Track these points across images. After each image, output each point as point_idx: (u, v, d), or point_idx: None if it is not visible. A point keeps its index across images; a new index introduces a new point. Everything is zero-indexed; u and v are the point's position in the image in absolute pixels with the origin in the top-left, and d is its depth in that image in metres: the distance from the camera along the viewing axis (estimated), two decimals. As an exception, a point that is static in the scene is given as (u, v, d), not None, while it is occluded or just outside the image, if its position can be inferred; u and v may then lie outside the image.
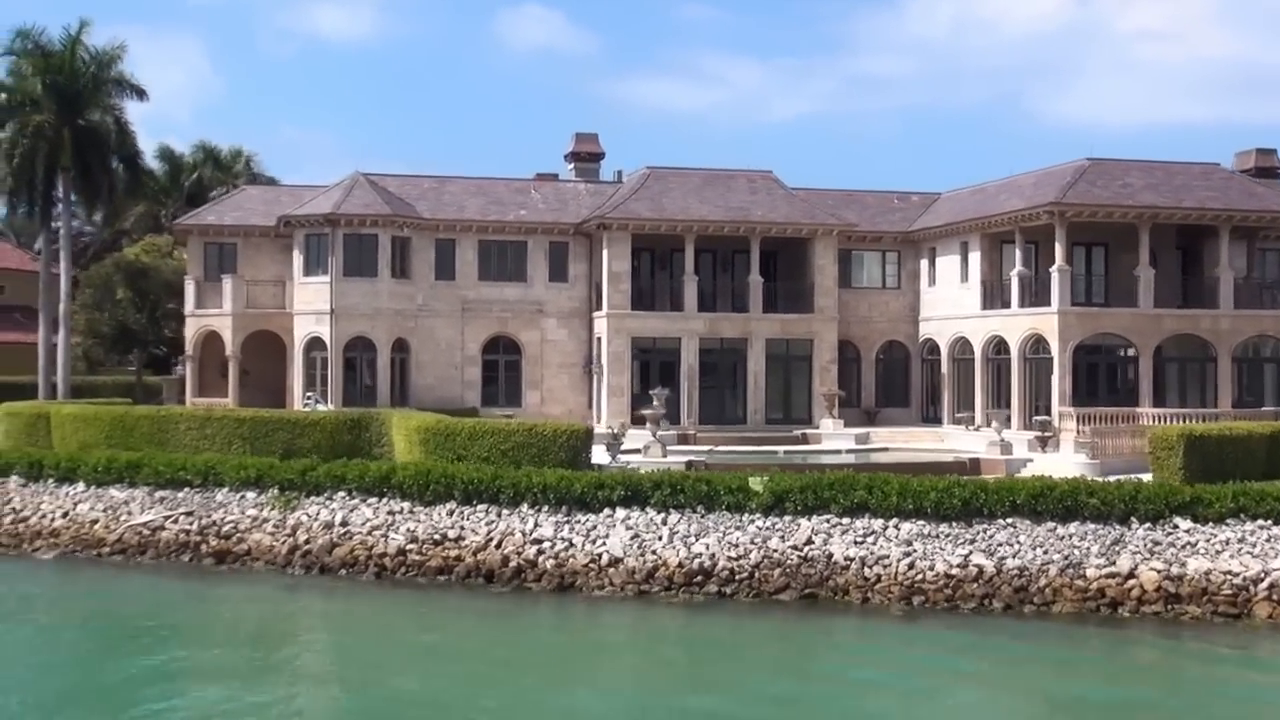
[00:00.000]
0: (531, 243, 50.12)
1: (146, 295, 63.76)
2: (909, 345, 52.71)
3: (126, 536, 35.37)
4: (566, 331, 50.38)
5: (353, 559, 32.61)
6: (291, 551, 33.37)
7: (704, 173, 51.30)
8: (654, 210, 48.80)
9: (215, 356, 51.76)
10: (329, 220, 47.13)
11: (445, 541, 32.47)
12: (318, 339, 47.80)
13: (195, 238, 51.47)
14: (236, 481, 36.31)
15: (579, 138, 54.86)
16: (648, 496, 32.23)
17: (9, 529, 37.36)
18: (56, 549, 35.68)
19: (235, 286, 49.50)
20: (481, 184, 52.00)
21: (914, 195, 55.10)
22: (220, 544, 34.37)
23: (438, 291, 49.45)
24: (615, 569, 30.49)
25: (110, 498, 37.40)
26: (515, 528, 32.29)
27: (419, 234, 48.86)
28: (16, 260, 74.36)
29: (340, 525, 33.84)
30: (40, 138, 53.89)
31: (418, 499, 33.91)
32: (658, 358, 49.07)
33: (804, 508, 31.19)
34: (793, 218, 49.62)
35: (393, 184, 50.41)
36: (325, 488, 35.25)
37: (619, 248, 48.42)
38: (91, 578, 33.15)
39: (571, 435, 35.78)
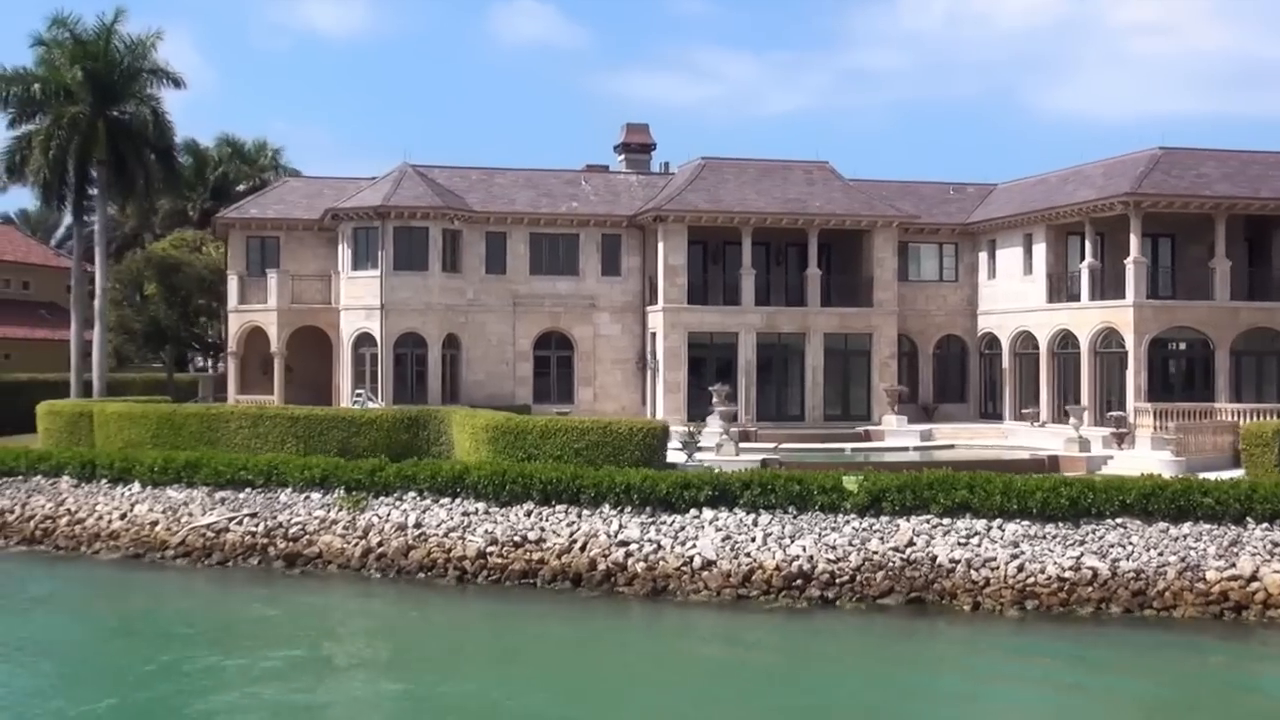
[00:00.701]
0: (583, 235, 48.92)
1: (178, 291, 62.55)
2: (966, 340, 51.55)
3: (190, 539, 34.21)
4: (619, 326, 49.19)
5: (430, 562, 31.45)
6: (365, 554, 32.21)
7: (759, 163, 50.11)
8: (711, 202, 47.61)
9: (256, 353, 50.54)
10: (379, 213, 45.90)
11: (526, 544, 31.33)
12: (367, 335, 46.58)
13: (237, 231, 50.21)
14: (301, 482, 35.16)
15: (629, 128, 53.61)
16: (736, 496, 31.12)
17: (65, 531, 36.21)
18: (118, 552, 34.51)
19: (280, 281, 48.26)
20: (531, 175, 50.75)
21: (969, 186, 53.95)
22: (289, 546, 33.23)
23: (488, 286, 48.25)
24: (709, 572, 29.35)
25: (168, 499, 36.24)
26: (599, 529, 31.15)
27: (469, 227, 47.66)
28: (41, 255, 73.12)
29: (414, 527, 32.69)
30: (75, 129, 52.59)
31: (493, 500, 32.78)
32: (714, 353, 47.89)
33: (902, 508, 30.07)
34: (852, 209, 48.44)
35: (440, 175, 49.19)
36: (395, 488, 34.12)
37: (675, 240, 47.23)
38: (158, 581, 32.00)
39: (648, 433, 34.70)
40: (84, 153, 53.61)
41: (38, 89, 53.16)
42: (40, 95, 53.18)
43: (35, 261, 71.55)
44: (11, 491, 38.89)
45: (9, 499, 38.42)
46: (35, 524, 36.82)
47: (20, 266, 69.89)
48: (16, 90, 53.25)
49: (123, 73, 53.59)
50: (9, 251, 70.18)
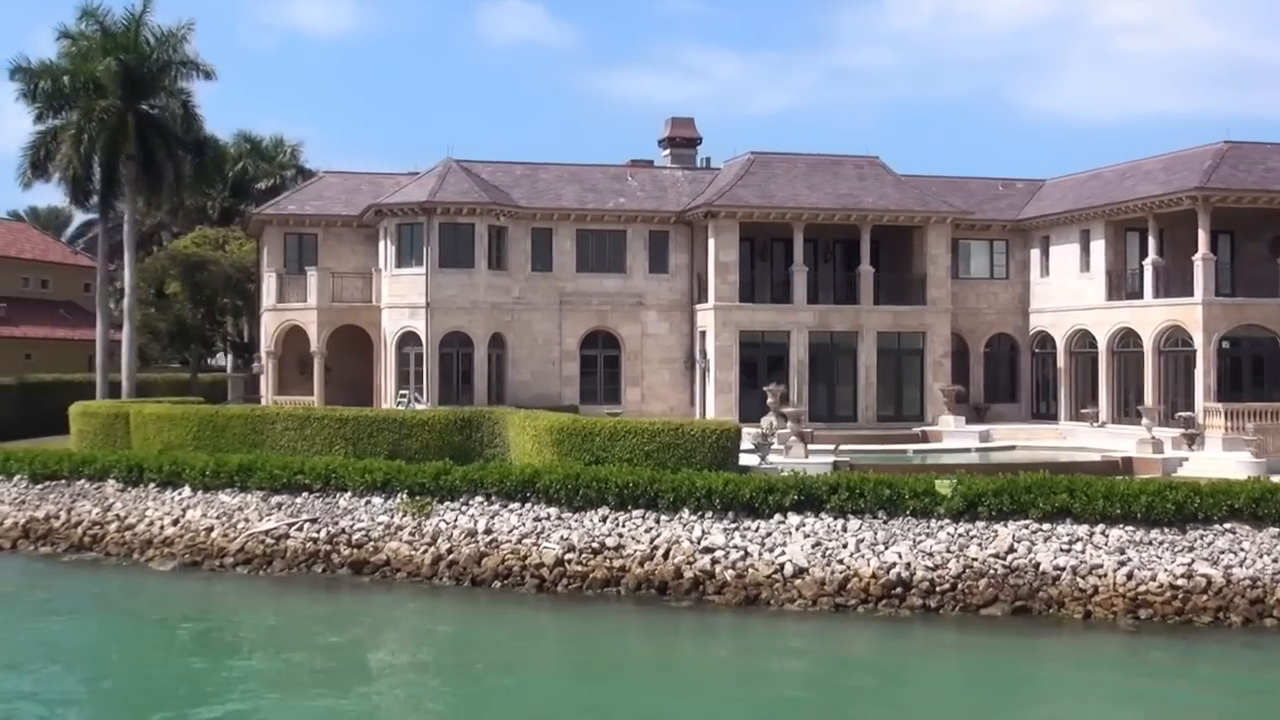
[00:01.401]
0: (631, 232, 47.78)
1: (203, 289, 61.32)
2: (1017, 338, 50.51)
3: (249, 546, 33.02)
4: (667, 325, 48.06)
5: (505, 570, 30.32)
6: (435, 562, 31.08)
7: (809, 158, 49.04)
8: (763, 198, 46.52)
9: (293, 353, 49.37)
10: (424, 209, 44.71)
11: (605, 550, 30.23)
12: (411, 334, 45.39)
13: (274, 228, 48.99)
14: (361, 485, 34.01)
15: (674, 122, 52.45)
16: (823, 501, 30.05)
17: (115, 537, 35.02)
18: (173, 559, 33.31)
19: (320, 279, 47.05)
20: (576, 170, 49.60)
21: (1018, 182, 52.91)
22: (354, 553, 32.08)
23: (534, 283, 47.09)
24: (801, 580, 28.28)
25: (221, 504, 35.07)
26: (680, 535, 30.06)
27: (514, 223, 46.50)
28: (59, 254, 71.80)
29: (484, 533, 31.57)
30: (105, 123, 51.35)
31: (565, 504, 31.66)
32: (765, 352, 46.80)
33: (998, 513, 29.02)
34: (905, 205, 47.39)
35: (484, 170, 48.00)
36: (461, 492, 32.96)
37: (727, 237, 46.14)
38: (221, 589, 30.85)
39: (721, 435, 33.62)
40: (113, 148, 52.43)
41: (67, 82, 51.91)
42: (70, 88, 51.92)
43: (54, 259, 70.24)
44: (55, 496, 37.72)
45: (53, 504, 37.25)
46: (83, 530, 35.64)
47: (39, 265, 68.59)
48: (45, 84, 52.02)
49: (153, 65, 52.36)
50: (27, 249, 68.88)
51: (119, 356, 53.78)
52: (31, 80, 52.40)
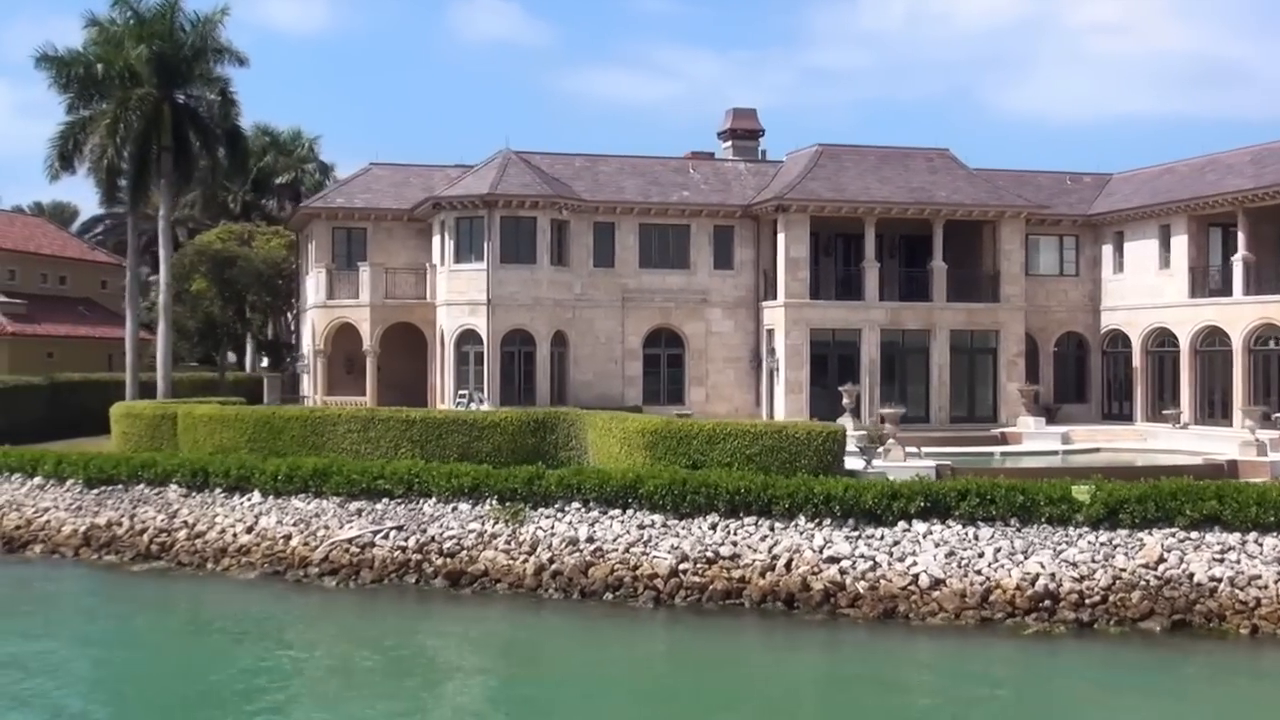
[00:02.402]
0: (695, 226, 46.13)
1: (234, 286, 59.38)
2: (1087, 337, 49.09)
3: (334, 555, 31.24)
4: (732, 323, 46.42)
5: (616, 581, 28.65)
6: (538, 572, 29.39)
7: (878, 150, 47.49)
8: (834, 191, 44.95)
9: (339, 351, 47.58)
10: (485, 201, 42.97)
11: (720, 560, 28.58)
12: (471, 332, 43.64)
13: (322, 222, 47.18)
14: (447, 491, 32.30)
15: (736, 113, 50.80)
16: (951, 508, 28.46)
17: (185, 545, 33.20)
18: (252, 569, 31.50)
19: (374, 275, 45.25)
20: (636, 163, 47.91)
21: (1085, 176, 51.49)
22: (447, 563, 30.36)
23: (596, 280, 45.38)
24: (939, 592, 26.69)
25: (295, 510, 33.31)
26: (801, 544, 28.44)
27: (576, 217, 44.79)
28: (77, 249, 69.67)
29: (586, 542, 29.88)
30: (140, 113, 49.41)
31: (671, 511, 30.00)
32: (835, 351, 45.23)
33: (1141, 520, 27.48)
34: (979, 199, 45.90)
35: (543, 162, 46.26)
36: (556, 498, 31.26)
37: (797, 231, 44.54)
38: (309, 601, 29.03)
39: (827, 438, 32.02)
40: (146, 138, 50.50)
41: (100, 70, 49.89)
42: (104, 77, 49.92)
43: (72, 255, 68.11)
44: (114, 502, 35.89)
45: (114, 510, 35.42)
46: (149, 538, 33.82)
47: (57, 261, 66.46)
48: (78, 72, 50.01)
49: (187, 52, 50.43)
50: (46, 245, 66.76)
51: (145, 356, 51.83)
52: (63, 69, 50.39)
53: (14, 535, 35.52)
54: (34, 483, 38.19)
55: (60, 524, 35.45)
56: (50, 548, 34.57)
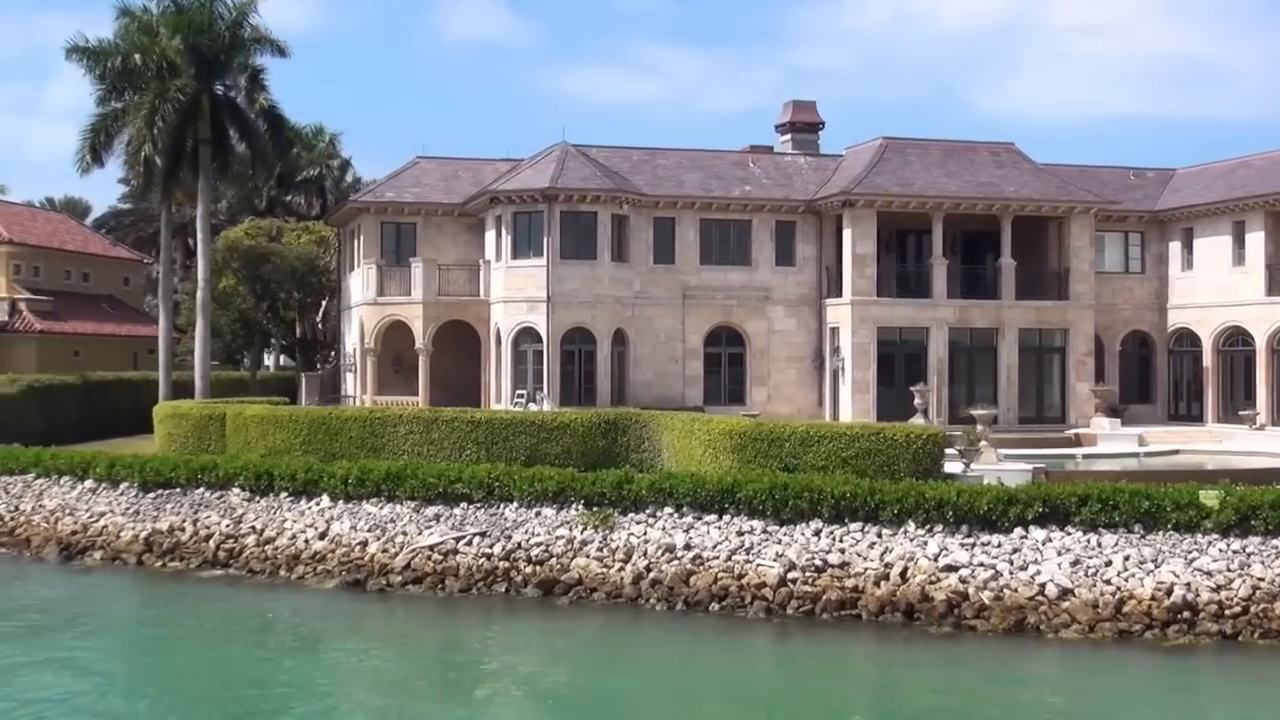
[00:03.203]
0: (756, 222, 44.85)
1: (267, 283, 57.99)
2: (1153, 336, 47.93)
3: (416, 562, 29.88)
4: (794, 321, 45.15)
5: (721, 591, 27.35)
6: (636, 581, 28.07)
7: (943, 144, 46.30)
8: (902, 186, 43.73)
9: (387, 349, 46.20)
10: (545, 195, 41.63)
11: (829, 569, 27.29)
12: (529, 330, 42.31)
13: (370, 216, 45.82)
14: (530, 495, 30.99)
15: (795, 106, 49.47)
16: (1070, 513, 27.23)
17: (255, 552, 31.81)
18: (331, 576, 30.12)
19: (426, 271, 43.88)
20: (695, 156, 46.61)
21: (1149, 171, 50.32)
22: (536, 571, 29.05)
23: (656, 276, 44.08)
24: (1068, 602, 25.44)
25: (368, 515, 31.97)
26: (914, 552, 27.19)
27: (636, 212, 43.49)
28: (100, 246, 68.16)
29: (684, 549, 28.57)
30: (179, 105, 47.94)
31: (772, 517, 28.72)
32: (902, 350, 44.01)
33: (1276, 526, 26.27)
34: (1048, 194, 44.72)
35: (600, 155, 44.93)
36: (646, 503, 29.96)
37: (864, 227, 43.30)
38: (395, 611, 27.72)
39: (927, 441, 30.76)
40: (181, 130, 49.05)
41: (138, 60, 48.38)
42: (139, 68, 48.42)
43: (95, 252, 66.60)
44: (173, 506, 34.51)
45: (175, 515, 34.04)
46: (215, 544, 32.42)
47: (81, 257, 64.94)
48: (114, 63, 48.51)
49: (225, 42, 48.94)
50: (69, 241, 65.23)
51: (162, 354, 50.58)
52: (99, 60, 48.91)
53: (70, 541, 34.12)
54: (85, 486, 36.84)
55: (118, 529, 34.05)
56: (111, 554, 33.16)
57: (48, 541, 34.37)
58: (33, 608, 28.46)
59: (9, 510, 36.94)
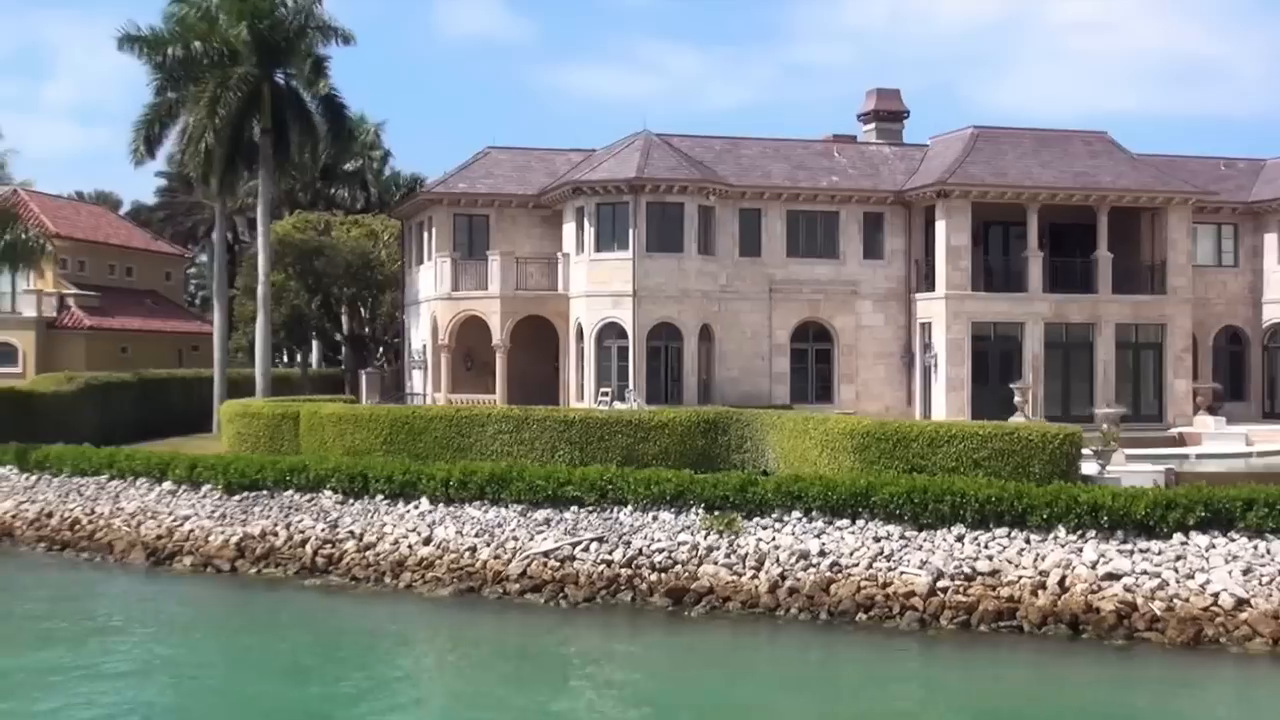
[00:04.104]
0: (844, 213, 43.36)
1: (320, 277, 56.50)
2: (1247, 331, 46.46)
3: (533, 569, 28.42)
4: (882, 316, 43.68)
5: (867, 600, 25.92)
6: (773, 590, 26.62)
7: (1035, 133, 44.82)
8: (997, 176, 42.26)
9: (458, 347, 44.70)
10: (632, 186, 40.16)
11: (979, 577, 25.84)
12: (613, 325, 40.83)
13: (443, 208, 44.35)
14: (645, 499, 29.52)
15: (880, 94, 47.98)
16: (1235, 518, 25.75)
17: (357, 559, 30.37)
18: (442, 584, 28.68)
19: (504, 265, 42.40)
20: (778, 145, 45.11)
21: (1240, 161, 48.80)
22: (662, 579, 27.63)
23: (742, 270, 42.60)
24: (1246, 614, 23.98)
25: (472, 519, 30.57)
26: (1069, 559, 25.72)
27: (721, 203, 42.00)
28: (142, 240, 66.68)
29: (819, 555, 27.12)
30: (240, 94, 46.52)
31: (910, 522, 27.26)
32: (996, 346, 42.55)
33: None
34: (1145, 184, 43.25)
35: (682, 145, 43.40)
36: (773, 507, 28.49)
37: (958, 219, 41.85)
38: (519, 621, 26.25)
39: (1064, 441, 29.28)
40: (241, 120, 47.68)
41: (197, 48, 46.92)
42: (200, 56, 46.96)
43: (137, 246, 65.11)
44: (261, 510, 33.08)
45: (266, 518, 32.60)
46: (313, 550, 30.96)
47: (124, 251, 63.46)
48: (175, 52, 47.05)
49: (288, 30, 47.52)
50: (113, 235, 63.74)
51: (206, 352, 49.21)
52: (157, 49, 47.50)
53: (157, 546, 32.70)
54: (163, 488, 35.47)
55: (206, 533, 32.62)
56: (201, 560, 31.72)
57: (132, 546, 32.98)
58: (133, 615, 27.12)
59: (85, 513, 35.59)
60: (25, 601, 28.85)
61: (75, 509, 35.90)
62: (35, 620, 26.93)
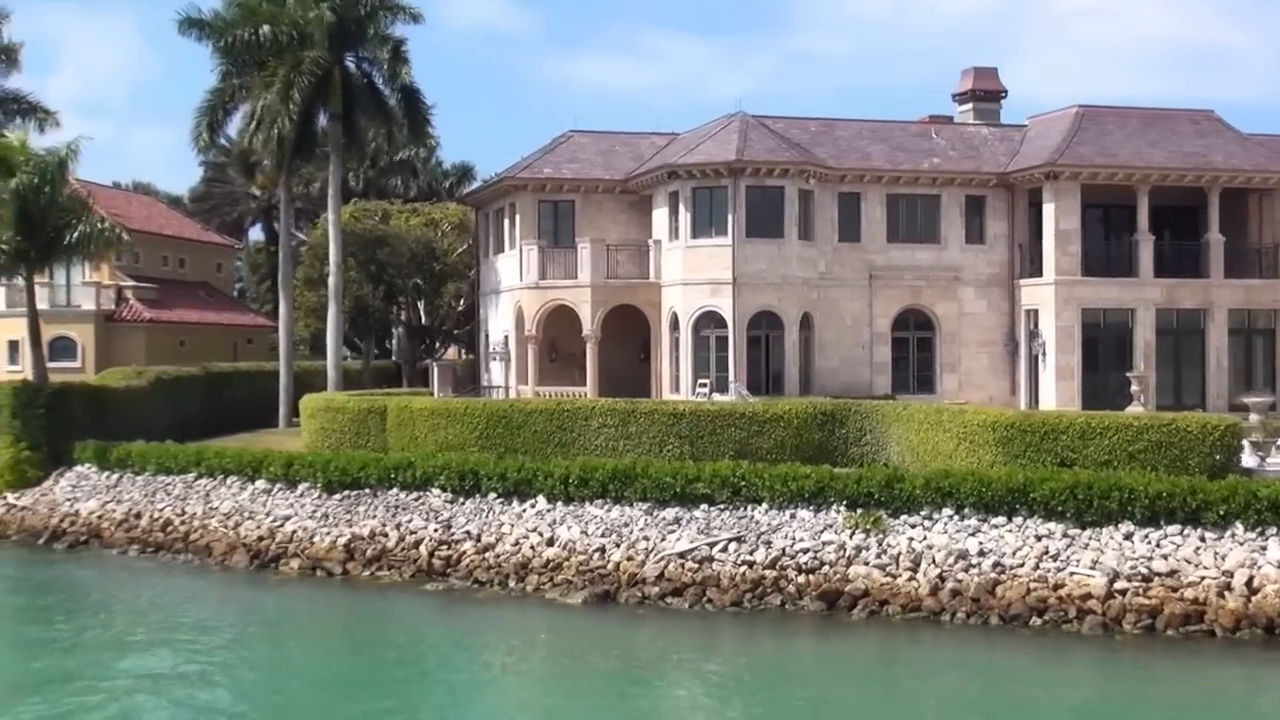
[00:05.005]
0: (946, 197, 41.78)
1: (384, 267, 54.98)
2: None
3: (671, 571, 26.94)
4: (985, 303, 42.11)
5: (1039, 603, 24.39)
6: (934, 592, 25.11)
7: (1141, 112, 43.20)
8: (1106, 156, 40.62)
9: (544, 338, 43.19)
10: (731, 169, 38.60)
11: (1156, 578, 24.32)
12: (711, 314, 39.29)
13: (528, 195, 42.81)
14: (782, 496, 28.01)
15: (977, 73, 46.30)
16: None
17: (476, 560, 28.95)
18: (573, 588, 27.21)
19: (594, 252, 40.86)
20: (875, 127, 43.52)
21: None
22: (810, 581, 26.11)
23: (841, 256, 41.06)
24: None
25: (595, 518, 29.19)
26: (1254, 559, 24.24)
27: (820, 186, 40.42)
28: (193, 231, 65.10)
29: (978, 555, 25.62)
30: (311, 78, 44.96)
31: (1072, 520, 25.74)
32: (1106, 333, 40.96)
33: None
34: (1258, 164, 41.63)
35: (776, 126, 41.79)
36: (921, 504, 26.97)
37: (1068, 201, 40.23)
38: (665, 629, 24.77)
39: (1225, 432, 27.70)
40: (310, 104, 46.12)
41: (266, 32, 45.34)
42: (270, 40, 45.37)
43: (189, 237, 63.53)
44: (366, 509, 31.62)
45: (374, 519, 31.15)
46: (428, 551, 29.49)
47: (177, 242, 61.88)
48: (243, 35, 45.47)
49: (362, 12, 45.98)
50: (166, 225, 62.22)
51: (262, 345, 47.80)
52: (221, 34, 45.93)
53: (259, 548, 31.26)
54: (256, 487, 34.04)
55: (310, 534, 31.17)
56: (309, 563, 30.26)
57: (233, 549, 31.55)
58: (264, 623, 25.70)
59: (176, 514, 34.17)
60: (141, 608, 27.42)
61: (165, 509, 34.52)
62: (168, 630, 25.53)
